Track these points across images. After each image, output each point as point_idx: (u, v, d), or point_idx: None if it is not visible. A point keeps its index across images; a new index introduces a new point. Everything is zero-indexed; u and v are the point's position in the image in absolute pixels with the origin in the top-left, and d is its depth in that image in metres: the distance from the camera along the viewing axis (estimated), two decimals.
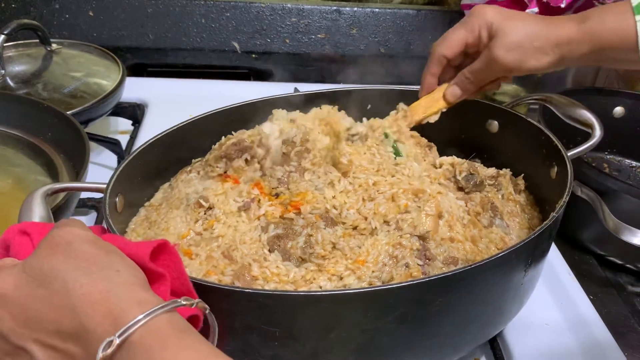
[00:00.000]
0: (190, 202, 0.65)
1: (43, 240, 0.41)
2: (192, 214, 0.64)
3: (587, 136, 1.06)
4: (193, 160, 0.74)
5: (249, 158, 0.68)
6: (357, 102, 0.82)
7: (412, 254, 0.59)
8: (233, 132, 0.74)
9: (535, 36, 0.68)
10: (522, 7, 1.07)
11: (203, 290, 0.47)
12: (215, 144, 0.73)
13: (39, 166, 0.80)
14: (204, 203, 0.64)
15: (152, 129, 1.06)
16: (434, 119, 0.78)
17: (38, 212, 0.54)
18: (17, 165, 0.80)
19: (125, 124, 1.10)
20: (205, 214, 0.64)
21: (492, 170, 0.74)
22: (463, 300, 0.54)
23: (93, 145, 0.93)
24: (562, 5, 1.01)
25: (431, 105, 0.78)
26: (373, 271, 0.58)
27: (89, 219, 0.85)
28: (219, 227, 0.62)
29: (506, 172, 0.75)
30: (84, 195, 0.85)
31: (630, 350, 0.72)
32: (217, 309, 0.45)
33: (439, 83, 0.77)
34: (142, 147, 0.69)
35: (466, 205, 0.68)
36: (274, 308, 0.49)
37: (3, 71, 0.98)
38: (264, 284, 0.57)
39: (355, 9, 1.28)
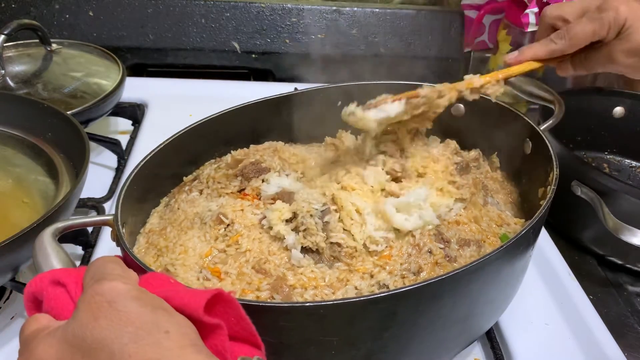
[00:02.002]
0: (206, 220, 0.64)
1: (83, 299, 0.37)
2: (211, 231, 0.62)
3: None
4: (185, 179, 0.73)
5: (265, 177, 0.69)
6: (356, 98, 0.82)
7: (431, 240, 0.61)
8: (232, 151, 0.75)
9: None
10: (522, 7, 1.07)
11: (261, 311, 0.46)
12: (213, 160, 0.73)
13: (39, 166, 0.80)
14: (224, 219, 0.63)
15: (152, 129, 1.06)
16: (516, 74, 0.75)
17: (56, 255, 0.50)
18: (17, 165, 0.80)
19: (125, 124, 1.10)
20: (225, 230, 0.62)
21: (474, 153, 0.77)
22: (488, 283, 0.57)
23: (93, 145, 0.93)
24: None
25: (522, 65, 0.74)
26: (401, 264, 0.59)
27: None
28: (244, 241, 0.61)
29: (479, 152, 0.77)
30: (84, 195, 0.85)
31: (630, 350, 0.72)
32: (274, 328, 0.45)
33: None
34: (135, 172, 0.65)
35: (458, 190, 0.69)
36: (333, 317, 0.49)
37: (3, 71, 0.98)
38: (302, 291, 0.57)
39: (355, 9, 1.28)
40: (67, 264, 0.49)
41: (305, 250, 0.60)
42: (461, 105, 0.81)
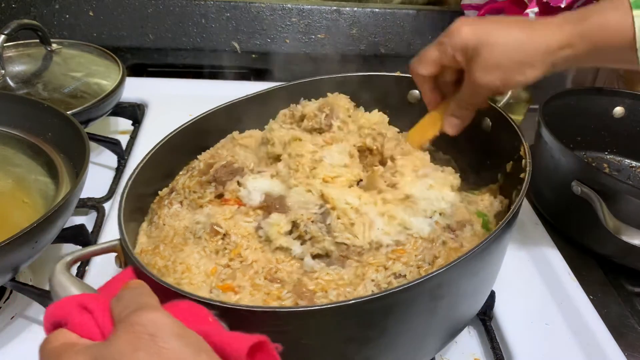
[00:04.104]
0: (199, 233, 0.61)
1: (121, 326, 0.35)
2: (209, 245, 0.60)
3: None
4: (160, 193, 0.70)
5: (241, 180, 0.65)
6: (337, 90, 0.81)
7: (442, 232, 0.62)
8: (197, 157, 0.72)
9: (517, 50, 0.63)
10: (522, 7, 1.07)
11: (305, 316, 0.46)
12: (182, 170, 0.71)
13: (39, 166, 0.79)
14: (219, 229, 0.60)
15: (152, 129, 1.06)
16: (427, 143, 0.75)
17: (73, 284, 0.48)
18: (17, 165, 0.80)
19: (125, 124, 1.10)
20: (223, 241, 0.60)
21: None
22: (480, 267, 0.58)
23: (93, 145, 0.93)
24: (562, 5, 1.01)
25: (425, 131, 0.74)
26: (416, 255, 0.59)
27: (88, 219, 0.85)
28: (246, 253, 0.59)
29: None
30: (84, 195, 0.85)
31: (630, 350, 0.72)
32: (318, 331, 0.45)
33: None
34: (127, 191, 0.62)
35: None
36: (376, 311, 0.48)
37: (3, 71, 0.98)
38: (324, 294, 0.55)
39: (355, 9, 1.28)
40: (87, 291, 0.48)
41: (314, 256, 0.59)
42: (416, 91, 0.81)
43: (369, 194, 0.65)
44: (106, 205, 0.88)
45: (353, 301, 0.47)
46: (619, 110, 1.03)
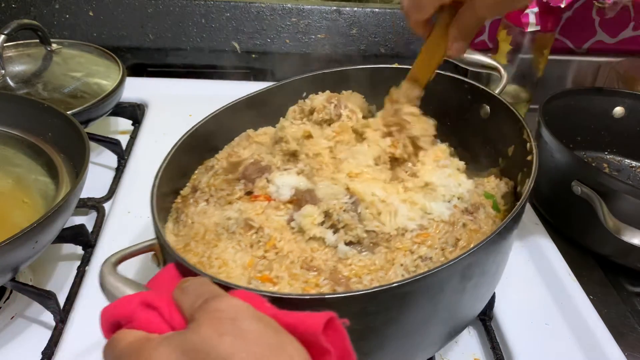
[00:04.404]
0: (232, 229, 0.62)
1: (200, 314, 0.35)
2: (243, 239, 0.61)
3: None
4: (182, 192, 0.71)
5: (269, 177, 0.67)
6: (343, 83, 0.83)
7: (462, 215, 0.64)
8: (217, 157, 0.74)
9: None
10: None
11: (351, 300, 0.48)
12: (197, 169, 0.73)
13: (39, 166, 0.80)
14: (253, 224, 0.62)
15: (152, 129, 1.06)
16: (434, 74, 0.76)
17: (124, 283, 0.48)
18: (17, 165, 0.80)
19: (125, 124, 1.10)
20: (256, 235, 0.61)
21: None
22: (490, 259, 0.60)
23: (93, 145, 0.93)
24: (562, 5, 1.01)
25: (430, 62, 0.74)
26: (439, 238, 0.61)
27: (88, 219, 0.85)
28: (282, 244, 0.60)
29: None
30: (84, 195, 0.85)
31: (630, 350, 0.72)
32: (361, 315, 0.47)
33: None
34: (155, 190, 0.63)
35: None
36: (417, 294, 0.51)
37: (3, 71, 0.98)
38: (359, 280, 0.57)
39: (355, 9, 1.28)
40: (139, 289, 0.48)
41: (346, 243, 0.61)
42: None
43: (391, 184, 0.67)
44: (106, 205, 0.88)
45: (407, 280, 0.50)
46: (619, 110, 1.03)
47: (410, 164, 0.71)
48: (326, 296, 0.50)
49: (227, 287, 0.43)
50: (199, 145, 0.74)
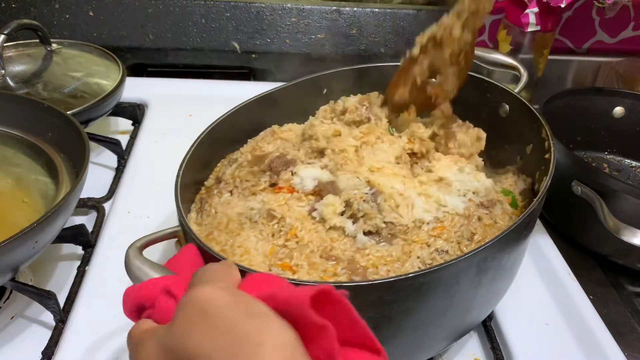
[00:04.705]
0: (255, 218, 0.64)
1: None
2: (266, 228, 0.63)
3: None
4: (206, 183, 0.74)
5: (294, 170, 0.69)
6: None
7: (477, 209, 0.65)
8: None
9: None
10: (522, 7, 1.07)
11: (367, 289, 0.49)
12: (219, 162, 0.75)
13: (39, 166, 0.79)
14: (276, 214, 0.63)
15: (152, 129, 1.06)
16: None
17: (150, 267, 0.50)
18: (17, 165, 0.80)
19: (125, 124, 1.10)
20: (278, 224, 0.63)
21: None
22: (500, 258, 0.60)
23: (93, 145, 0.93)
24: (562, 5, 1.01)
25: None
26: (455, 232, 0.62)
27: (88, 219, 0.85)
28: (302, 234, 0.62)
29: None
30: (84, 195, 0.85)
31: (630, 350, 0.72)
32: (377, 304, 0.48)
33: None
34: (180, 180, 0.65)
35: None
36: (432, 284, 0.52)
37: (3, 71, 0.98)
38: (375, 270, 0.59)
39: (355, 9, 1.28)
40: (164, 272, 0.49)
41: (365, 233, 0.63)
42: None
43: (409, 179, 0.69)
44: (106, 205, 0.88)
45: (424, 271, 0.51)
46: (619, 110, 1.03)
47: (427, 161, 0.73)
48: (344, 284, 0.52)
49: (243, 272, 0.43)
50: (220, 139, 0.76)
